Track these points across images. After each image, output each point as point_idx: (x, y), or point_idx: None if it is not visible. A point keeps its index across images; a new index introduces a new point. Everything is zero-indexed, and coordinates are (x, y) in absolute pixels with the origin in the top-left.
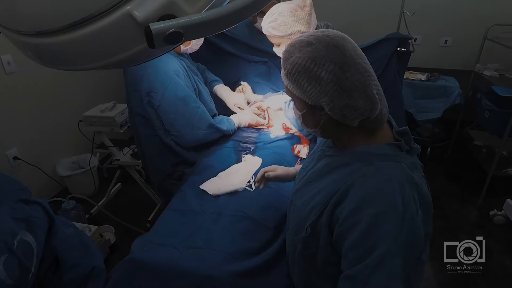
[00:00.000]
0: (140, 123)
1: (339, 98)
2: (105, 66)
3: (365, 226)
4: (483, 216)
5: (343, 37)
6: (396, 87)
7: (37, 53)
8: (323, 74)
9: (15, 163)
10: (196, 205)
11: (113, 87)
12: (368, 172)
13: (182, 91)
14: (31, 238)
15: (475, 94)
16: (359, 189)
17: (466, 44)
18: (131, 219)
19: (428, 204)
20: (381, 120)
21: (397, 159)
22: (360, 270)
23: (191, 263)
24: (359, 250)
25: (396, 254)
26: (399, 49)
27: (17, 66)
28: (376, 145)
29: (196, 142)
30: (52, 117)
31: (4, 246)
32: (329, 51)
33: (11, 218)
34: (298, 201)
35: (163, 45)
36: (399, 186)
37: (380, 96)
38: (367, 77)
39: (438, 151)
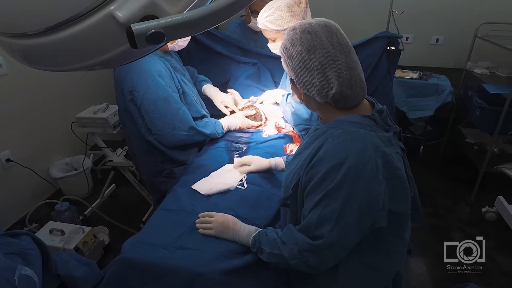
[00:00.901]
0: (127, 120)
1: (302, 75)
2: (90, 66)
3: (320, 176)
4: (475, 213)
5: (323, 25)
6: (387, 85)
7: (23, 55)
8: (294, 54)
9: (8, 165)
10: (187, 205)
11: (105, 88)
12: (336, 133)
13: (163, 91)
14: (31, 271)
15: (466, 92)
16: (326, 147)
17: (457, 43)
18: (125, 220)
19: (400, 179)
20: (349, 99)
21: (367, 128)
22: (306, 207)
23: (181, 262)
24: (313, 194)
25: (336, 200)
26: (388, 48)
27: (8, 68)
28: (350, 115)
29: (178, 142)
30: (45, 119)
31: (6, 283)
32: (303, 35)
33: (3, 255)
34: (286, 171)
35: (145, 45)
36: (360, 146)
37: (343, 79)
38: (330, 61)
39: (430, 149)
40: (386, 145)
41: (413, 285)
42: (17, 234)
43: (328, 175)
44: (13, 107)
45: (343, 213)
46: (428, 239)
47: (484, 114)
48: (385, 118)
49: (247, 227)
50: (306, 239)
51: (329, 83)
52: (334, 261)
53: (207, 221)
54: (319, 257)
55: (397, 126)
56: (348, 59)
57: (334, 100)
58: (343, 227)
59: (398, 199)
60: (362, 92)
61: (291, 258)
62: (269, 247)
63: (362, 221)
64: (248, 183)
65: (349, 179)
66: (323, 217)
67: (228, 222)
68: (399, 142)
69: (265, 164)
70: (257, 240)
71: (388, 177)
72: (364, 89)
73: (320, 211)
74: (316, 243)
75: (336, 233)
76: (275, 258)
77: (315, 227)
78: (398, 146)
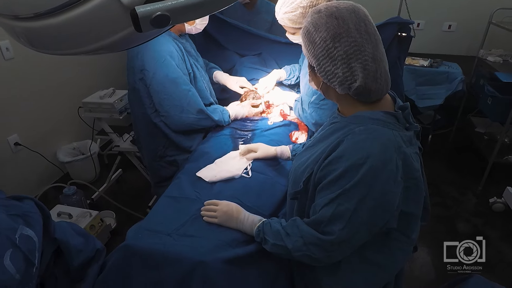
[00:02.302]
0: (135, 100)
1: (325, 63)
2: (94, 50)
3: (338, 174)
4: (482, 203)
5: (352, 10)
6: (396, 72)
7: (26, 38)
8: (317, 40)
9: (17, 149)
10: (192, 192)
11: (112, 74)
12: (358, 130)
13: (173, 72)
14: (32, 232)
15: (477, 81)
16: (345, 144)
17: (470, 29)
18: (131, 205)
19: (417, 181)
20: (372, 94)
21: (390, 127)
22: (318, 202)
23: (184, 250)
24: (327, 191)
25: (351, 199)
26: (399, 34)
27: (15, 52)
28: (372, 111)
29: (185, 126)
30: (52, 103)
31: (8, 241)
32: (328, 20)
33: (6, 215)
34: (296, 163)
35: (150, 28)
36: (382, 146)
37: (368, 71)
38: (356, 51)
39: (439, 138)
40: (407, 145)
41: (416, 275)
42: (21, 198)
43: (346, 173)
44: (20, 91)
45: (357, 213)
46: (434, 229)
47: (495, 103)
48: (407, 116)
49: (251, 216)
50: (314, 233)
51: (353, 75)
52: (339, 257)
53: (212, 209)
54: (325, 251)
55: (418, 125)
56: (376, 50)
57: (357, 93)
58: (355, 227)
59: (410, 200)
60: (386, 86)
61: (295, 250)
62: (273, 238)
63: (374, 222)
64: (252, 171)
65: (367, 180)
66: (337, 214)
67: (232, 211)
68: (417, 142)
69: (271, 152)
70: (261, 231)
71: (406, 178)
72: (388, 83)
73: (334, 209)
74: (325, 238)
75: (347, 232)
76: (278, 249)
77: (326, 223)
78: (417, 145)
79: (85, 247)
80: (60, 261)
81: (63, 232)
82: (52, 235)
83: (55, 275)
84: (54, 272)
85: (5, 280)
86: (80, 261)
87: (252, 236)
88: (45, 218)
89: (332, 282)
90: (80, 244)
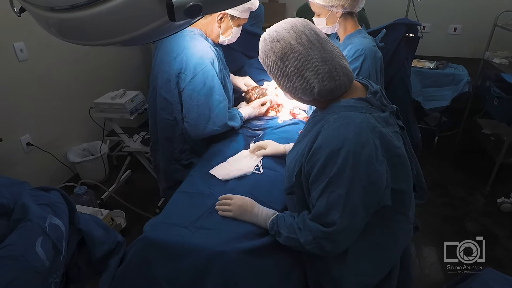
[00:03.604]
0: (159, 105)
1: (283, 81)
2: (124, 41)
3: (321, 163)
4: (490, 203)
5: (289, 28)
6: (404, 72)
7: (58, 29)
8: (270, 64)
9: (28, 148)
10: (205, 188)
11: (123, 75)
12: (332, 119)
13: (211, 80)
14: (59, 221)
15: (483, 83)
16: (323, 134)
17: (475, 32)
18: (140, 205)
19: (399, 158)
20: (335, 91)
21: (362, 111)
22: (313, 196)
23: (202, 241)
24: (317, 182)
25: (340, 185)
26: (407, 35)
27: (29, 53)
28: (344, 99)
29: (205, 135)
30: (64, 104)
31: (39, 228)
32: (273, 45)
33: (36, 204)
34: (288, 159)
35: (183, 18)
36: (356, 128)
37: (322, 75)
38: (304, 62)
39: (445, 140)
40: (383, 125)
41: (426, 274)
42: (48, 189)
43: (328, 161)
44: (33, 92)
45: (348, 196)
46: (442, 229)
47: (502, 104)
48: (380, 98)
49: (265, 210)
50: (318, 227)
51: (309, 83)
52: (347, 244)
53: (226, 204)
54: (333, 242)
55: (394, 106)
56: (323, 53)
57: (321, 96)
58: (351, 211)
59: (399, 177)
60: (347, 79)
61: (307, 244)
62: (286, 231)
63: (367, 202)
64: (263, 168)
65: (349, 163)
66: (331, 203)
67: (246, 205)
68: (397, 121)
69: (280, 149)
70: (275, 224)
71: (388, 156)
72: (348, 75)
73: (327, 198)
74: (329, 230)
75: (345, 218)
76: (291, 242)
77: (325, 215)
78: (396, 125)
79: (106, 239)
80: (83, 252)
81: (86, 224)
82: (77, 226)
83: (78, 265)
84: (77, 262)
85: (38, 266)
86: (102, 252)
87: (266, 230)
88: (70, 209)
89: (342, 271)
90: (102, 236)
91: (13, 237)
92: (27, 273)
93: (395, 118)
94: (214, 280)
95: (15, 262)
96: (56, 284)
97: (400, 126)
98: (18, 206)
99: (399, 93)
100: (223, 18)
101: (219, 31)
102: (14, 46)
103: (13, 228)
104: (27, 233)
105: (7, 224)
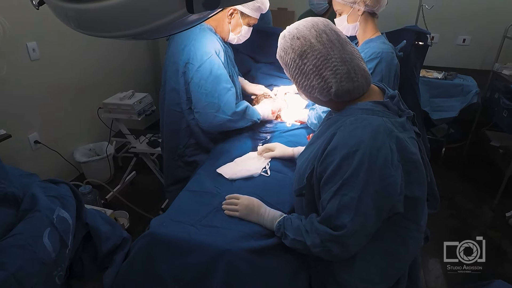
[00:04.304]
0: (168, 96)
1: (300, 80)
2: (143, 33)
3: (335, 165)
4: (499, 217)
5: (310, 26)
6: (413, 80)
7: (77, 21)
8: (288, 62)
9: (36, 146)
10: (212, 187)
11: (132, 77)
12: (348, 121)
13: (218, 69)
14: (67, 214)
15: (492, 94)
16: (338, 135)
17: (484, 43)
18: (144, 206)
19: (415, 164)
20: (352, 92)
21: (379, 114)
22: (324, 198)
23: (208, 238)
24: (329, 184)
25: (353, 188)
26: (416, 43)
27: (41, 53)
28: (361, 102)
29: (216, 127)
30: (72, 103)
31: (47, 219)
32: (292, 42)
33: (45, 196)
34: (299, 161)
35: (201, 10)
36: (373, 132)
37: (340, 75)
38: (323, 61)
39: (453, 151)
40: (400, 130)
41: (432, 287)
42: (57, 181)
43: (343, 163)
44: (43, 91)
45: (361, 200)
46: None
47: (511, 116)
48: (397, 103)
49: (272, 211)
50: (327, 230)
51: (327, 83)
52: (356, 249)
53: (233, 203)
54: (342, 246)
55: (411, 111)
56: (342, 53)
57: (338, 96)
58: (362, 215)
59: (413, 184)
60: (365, 81)
61: (313, 247)
62: (293, 233)
63: (380, 207)
64: (271, 170)
65: (364, 166)
66: (343, 206)
67: (253, 205)
68: (413, 127)
69: (288, 152)
70: (281, 225)
71: (403, 161)
72: (367, 77)
73: (339, 201)
74: (338, 234)
75: (356, 221)
76: (297, 245)
77: (335, 217)
78: (412, 131)
79: (112, 235)
80: (87, 247)
81: (93, 219)
82: (84, 220)
83: (82, 261)
84: (81, 257)
85: (44, 257)
86: (108, 247)
87: (273, 231)
88: (78, 203)
89: (348, 276)
90: (109, 231)
91: (22, 226)
92: (33, 263)
93: (411, 124)
94: (219, 278)
95: (23, 251)
96: (60, 277)
97: (416, 132)
98: (28, 196)
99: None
100: (233, 14)
101: (229, 28)
102: (27, 46)
103: (22, 218)
104: (35, 223)
105: (16, 213)
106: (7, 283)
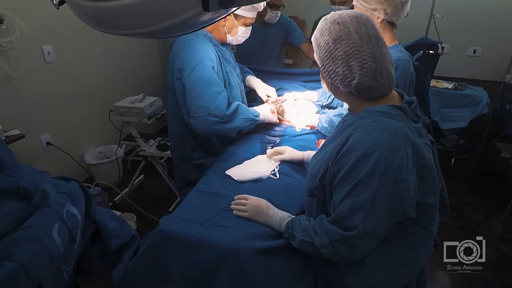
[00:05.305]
0: (170, 100)
1: (327, 63)
2: (157, 31)
3: (350, 165)
4: (509, 229)
5: (353, 16)
6: (423, 89)
7: (96, 20)
8: (321, 43)
9: (48, 148)
10: (221, 188)
11: (143, 80)
12: (366, 123)
13: (208, 73)
14: (76, 210)
15: (503, 105)
16: (355, 136)
17: (495, 54)
18: (152, 210)
19: (429, 170)
20: (372, 90)
21: (397, 118)
22: (336, 198)
23: (217, 237)
24: (343, 184)
25: (367, 189)
26: (427, 52)
27: (56, 56)
28: (379, 105)
29: (208, 131)
30: (84, 106)
31: (57, 214)
32: (331, 26)
33: (55, 192)
34: (312, 162)
35: (216, 8)
36: (390, 135)
37: (366, 69)
38: (355, 51)
39: (463, 162)
40: (416, 135)
41: None
42: (67, 178)
43: (358, 164)
44: (57, 93)
45: (374, 202)
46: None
47: None
48: (414, 109)
49: (280, 212)
50: (337, 230)
51: (352, 73)
52: (365, 251)
53: (242, 203)
54: (351, 247)
55: (427, 118)
56: (375, 51)
57: (357, 90)
58: (374, 217)
59: (426, 190)
60: (388, 84)
61: (322, 247)
62: (301, 234)
63: (392, 210)
64: (280, 173)
65: (380, 168)
66: (355, 206)
67: (262, 206)
68: (428, 134)
69: (298, 155)
70: (289, 227)
71: (417, 167)
72: (391, 81)
73: (352, 201)
74: (348, 234)
75: (368, 223)
76: (306, 246)
77: (347, 217)
78: (428, 137)
79: (121, 232)
80: (96, 244)
81: (102, 216)
82: (93, 217)
83: (89, 257)
84: (89, 254)
85: (53, 250)
86: (117, 244)
87: (280, 232)
88: (87, 200)
89: (355, 280)
90: (117, 229)
91: (32, 220)
92: (43, 256)
93: (427, 131)
94: (226, 276)
95: (32, 244)
96: (69, 272)
97: (431, 140)
98: (39, 191)
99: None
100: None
101: (225, 30)
102: (42, 49)
103: (33, 212)
104: (45, 218)
105: (27, 207)
106: (16, 274)
